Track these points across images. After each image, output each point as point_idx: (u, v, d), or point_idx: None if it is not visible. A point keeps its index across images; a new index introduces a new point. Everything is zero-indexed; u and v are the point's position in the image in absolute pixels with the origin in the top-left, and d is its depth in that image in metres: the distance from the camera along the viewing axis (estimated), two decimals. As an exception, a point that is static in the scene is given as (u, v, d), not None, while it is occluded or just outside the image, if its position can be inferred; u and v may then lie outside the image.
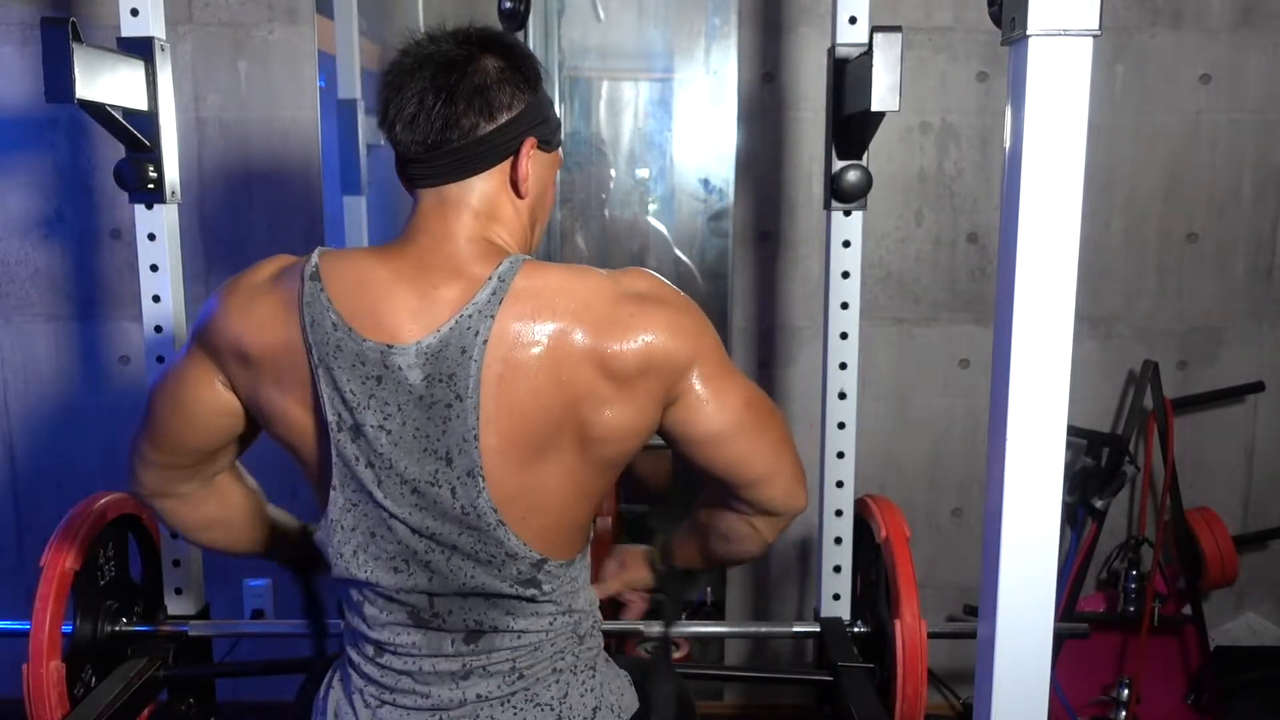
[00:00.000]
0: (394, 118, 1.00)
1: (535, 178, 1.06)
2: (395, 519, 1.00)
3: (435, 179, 1.01)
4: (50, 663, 1.52)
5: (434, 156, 1.00)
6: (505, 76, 1.02)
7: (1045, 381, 0.83)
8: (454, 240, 1.00)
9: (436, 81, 0.99)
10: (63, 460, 2.41)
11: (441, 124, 0.99)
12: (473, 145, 1.00)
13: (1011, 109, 0.83)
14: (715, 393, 1.04)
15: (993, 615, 0.86)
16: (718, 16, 2.33)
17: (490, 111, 1.00)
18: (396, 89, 1.00)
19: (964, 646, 2.07)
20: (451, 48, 1.02)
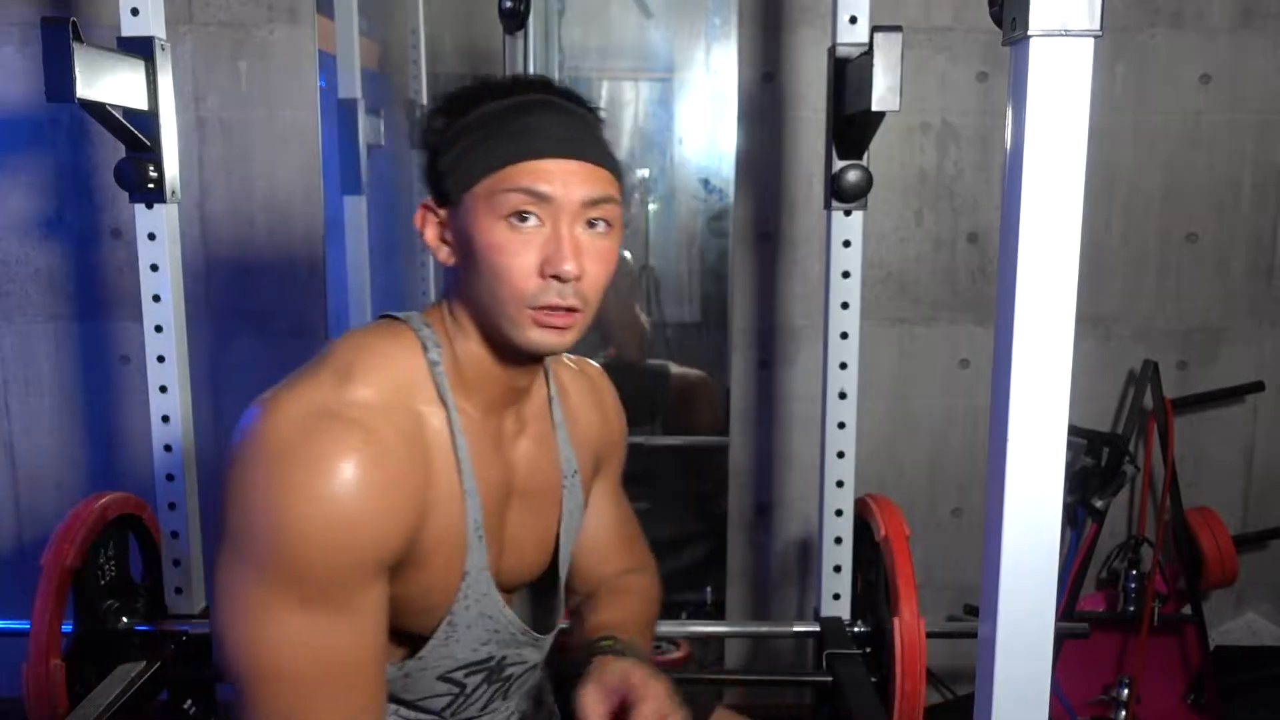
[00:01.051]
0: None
1: (439, 240, 0.97)
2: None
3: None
4: (50, 662, 1.52)
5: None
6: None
7: (1045, 381, 0.83)
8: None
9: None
10: (63, 460, 2.41)
11: None
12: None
13: (1012, 109, 0.83)
14: None
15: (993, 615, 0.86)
16: (718, 16, 2.32)
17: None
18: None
19: (964, 646, 2.08)
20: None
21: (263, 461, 0.85)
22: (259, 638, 0.84)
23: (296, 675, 0.85)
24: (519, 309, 0.92)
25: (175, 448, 1.77)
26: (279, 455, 0.84)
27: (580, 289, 0.92)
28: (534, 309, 0.92)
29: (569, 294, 0.91)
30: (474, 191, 0.92)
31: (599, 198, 0.93)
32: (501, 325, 0.93)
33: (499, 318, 0.93)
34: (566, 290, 0.91)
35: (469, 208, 0.93)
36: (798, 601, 2.48)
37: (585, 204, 0.92)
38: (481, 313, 0.95)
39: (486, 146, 0.92)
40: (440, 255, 0.98)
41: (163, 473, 1.78)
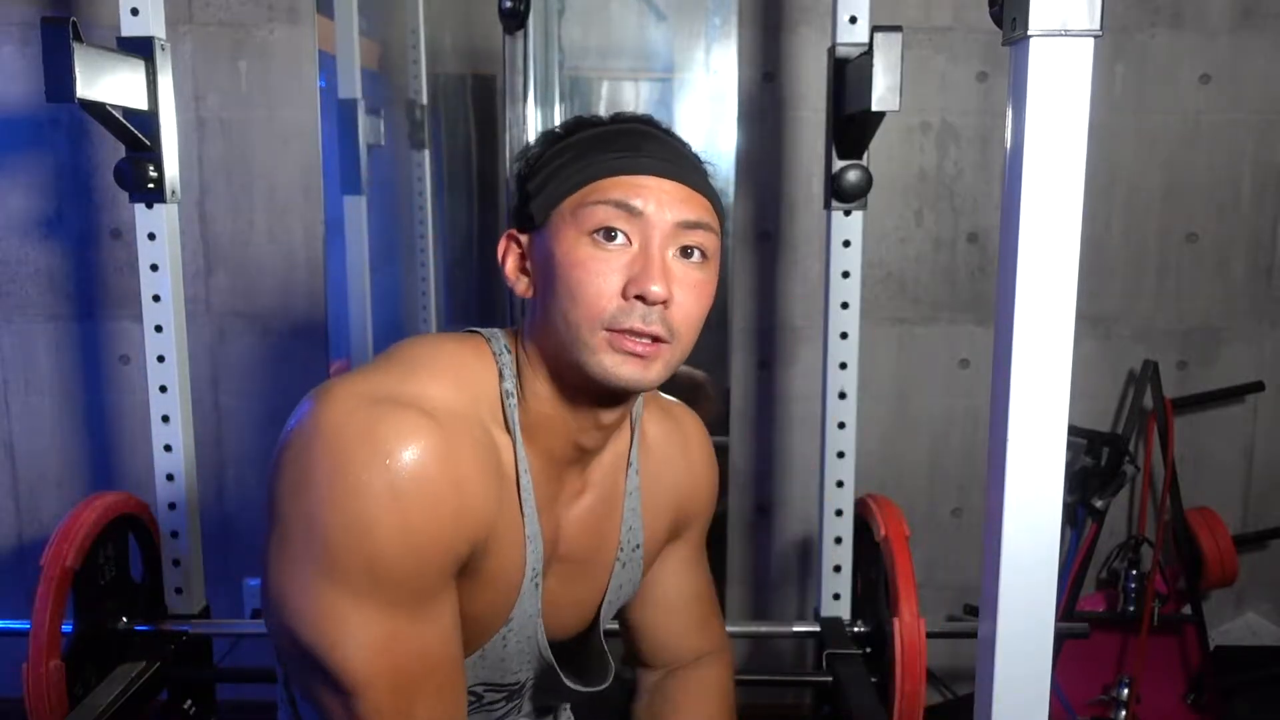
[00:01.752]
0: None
1: (519, 271, 0.91)
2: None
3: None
4: (50, 662, 1.51)
5: None
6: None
7: (1046, 381, 0.83)
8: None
9: None
10: (63, 460, 2.41)
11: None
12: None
13: (1012, 109, 0.83)
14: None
15: (993, 615, 0.86)
16: (718, 16, 2.32)
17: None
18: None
19: (964, 646, 2.07)
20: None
21: (322, 454, 0.77)
22: (344, 644, 0.77)
23: (392, 680, 0.78)
24: (593, 331, 0.83)
25: (175, 448, 1.77)
26: (340, 447, 0.77)
27: (668, 317, 0.83)
28: (610, 329, 0.83)
29: (654, 319, 0.83)
30: (560, 209, 0.86)
31: (695, 221, 0.86)
32: (576, 353, 0.84)
33: (573, 345, 0.84)
34: (651, 315, 0.83)
35: (553, 228, 0.86)
36: (798, 602, 2.48)
37: (680, 226, 0.85)
38: (554, 345, 0.86)
39: (581, 162, 0.86)
40: (519, 288, 0.90)
41: (163, 473, 1.78)
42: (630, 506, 1.00)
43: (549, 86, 2.35)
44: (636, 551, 1.01)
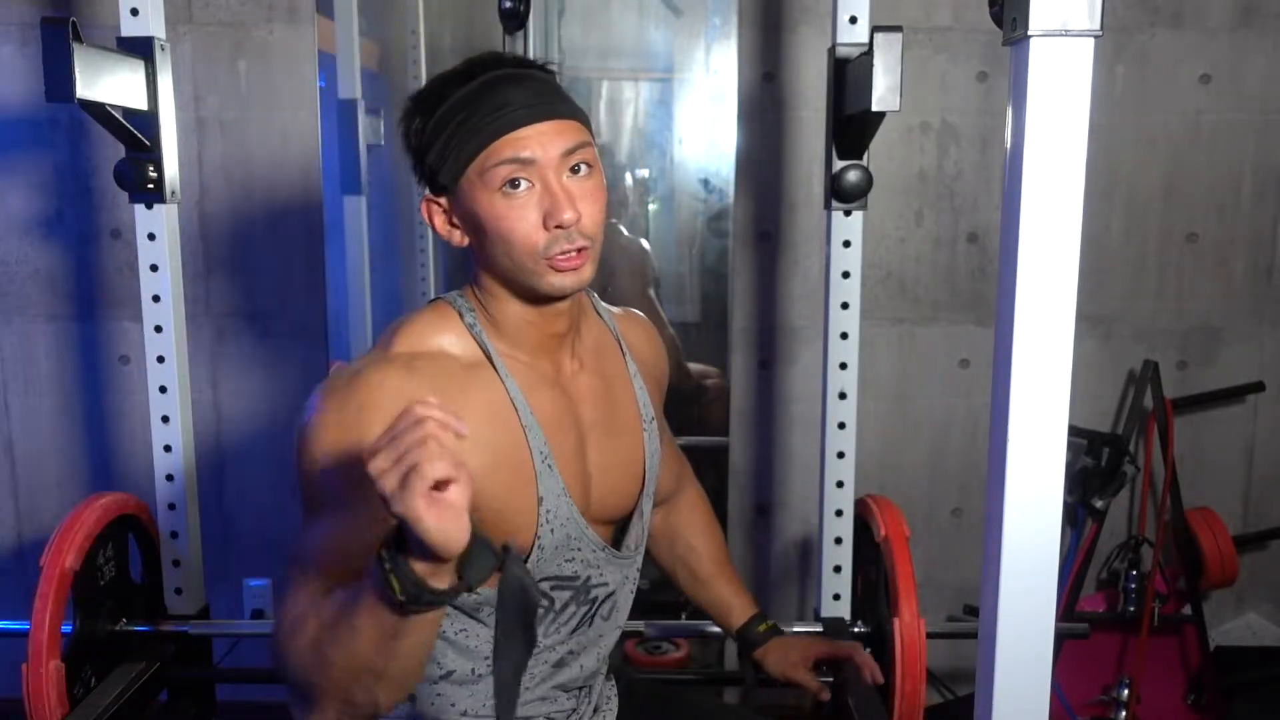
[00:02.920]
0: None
1: (449, 227, 1.07)
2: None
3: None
4: (50, 662, 1.52)
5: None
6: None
7: (1046, 381, 0.83)
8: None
9: None
10: (63, 460, 2.41)
11: None
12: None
13: (1012, 109, 0.83)
14: None
15: (993, 615, 0.86)
16: (718, 16, 2.32)
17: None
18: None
19: (964, 646, 2.07)
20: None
21: (308, 415, 0.97)
22: (307, 549, 0.96)
23: (324, 559, 0.94)
24: (535, 262, 1.01)
25: (175, 448, 1.77)
26: (319, 402, 0.97)
27: (582, 228, 1.01)
28: (548, 259, 1.01)
29: (575, 237, 1.01)
30: (467, 175, 1.01)
31: (574, 146, 1.02)
32: (524, 279, 1.03)
33: (520, 274, 1.02)
34: (572, 235, 1.01)
35: (466, 191, 1.02)
36: (798, 601, 2.48)
37: (564, 155, 1.01)
38: (504, 274, 1.04)
39: (465, 133, 1.00)
40: (454, 239, 1.07)
41: (163, 473, 1.78)
42: (638, 386, 1.19)
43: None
44: (653, 423, 1.20)
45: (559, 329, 1.09)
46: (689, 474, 1.45)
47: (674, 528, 1.43)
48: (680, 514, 1.43)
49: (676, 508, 1.43)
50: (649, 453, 1.19)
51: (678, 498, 1.43)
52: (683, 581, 1.45)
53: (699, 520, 1.44)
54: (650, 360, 1.26)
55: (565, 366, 1.12)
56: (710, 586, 1.44)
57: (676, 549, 1.43)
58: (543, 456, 1.04)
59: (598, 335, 1.19)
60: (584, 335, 1.15)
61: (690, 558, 1.43)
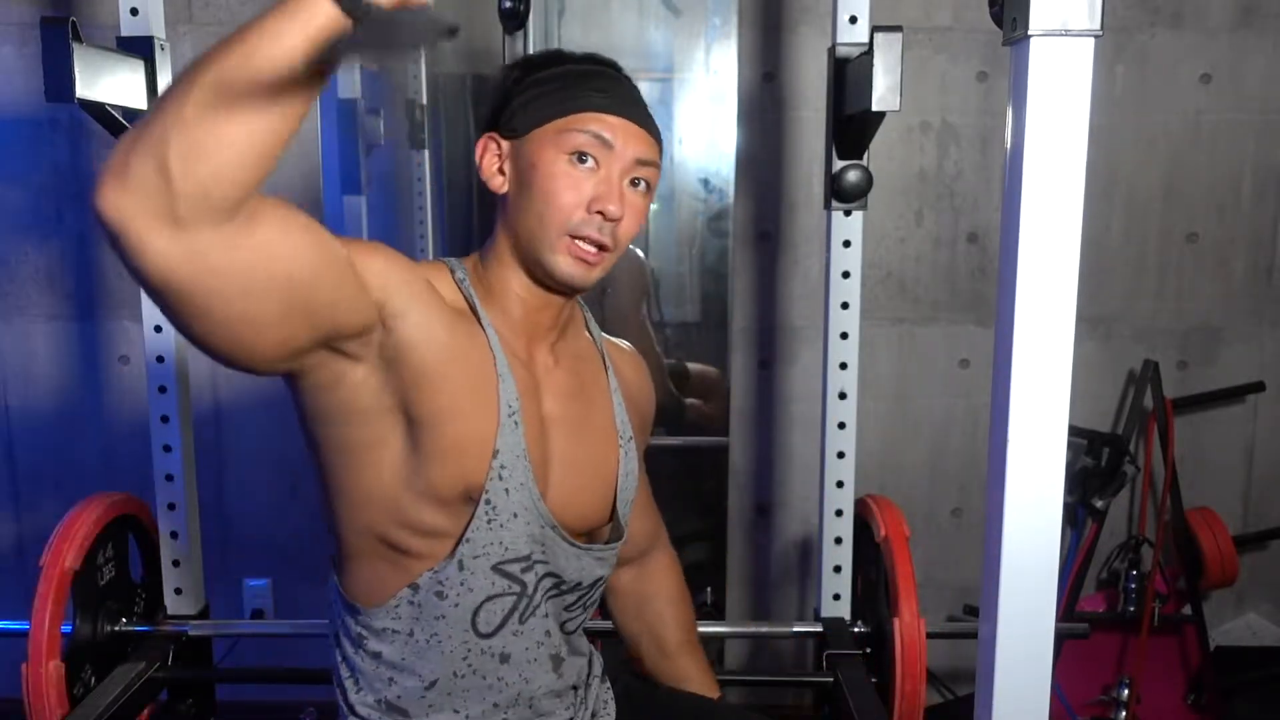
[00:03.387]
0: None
1: (495, 170, 1.09)
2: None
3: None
4: (50, 662, 1.52)
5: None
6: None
7: (1046, 381, 0.83)
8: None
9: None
10: (63, 460, 2.41)
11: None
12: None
13: (1012, 109, 0.83)
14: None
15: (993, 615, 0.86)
16: (718, 16, 2.32)
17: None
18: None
19: (964, 646, 2.07)
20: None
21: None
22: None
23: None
24: (559, 235, 1.03)
25: (175, 448, 1.77)
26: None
27: (615, 231, 1.04)
28: (572, 237, 1.03)
29: (606, 231, 1.03)
30: (544, 128, 1.04)
31: (647, 159, 1.07)
32: (538, 249, 1.04)
33: (538, 241, 1.04)
34: (606, 228, 1.03)
35: (536, 142, 1.05)
36: (798, 602, 2.48)
37: (637, 161, 1.05)
38: (524, 237, 1.05)
39: (564, 94, 1.05)
40: (494, 184, 1.08)
41: (163, 473, 1.78)
42: (617, 403, 1.19)
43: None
44: (631, 443, 1.19)
45: (544, 320, 1.10)
46: (664, 537, 1.41)
47: (645, 591, 1.37)
48: (654, 578, 1.38)
49: (649, 571, 1.38)
50: (624, 471, 1.17)
51: (650, 559, 1.38)
52: (646, 652, 1.37)
53: (671, 587, 1.39)
54: (635, 391, 1.25)
55: (539, 357, 1.12)
56: (675, 660, 1.37)
57: (646, 615, 1.37)
58: (509, 410, 1.03)
59: (582, 346, 1.19)
60: (568, 340, 1.16)
61: (658, 626, 1.37)
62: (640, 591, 1.37)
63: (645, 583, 1.38)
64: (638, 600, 1.37)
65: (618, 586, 1.36)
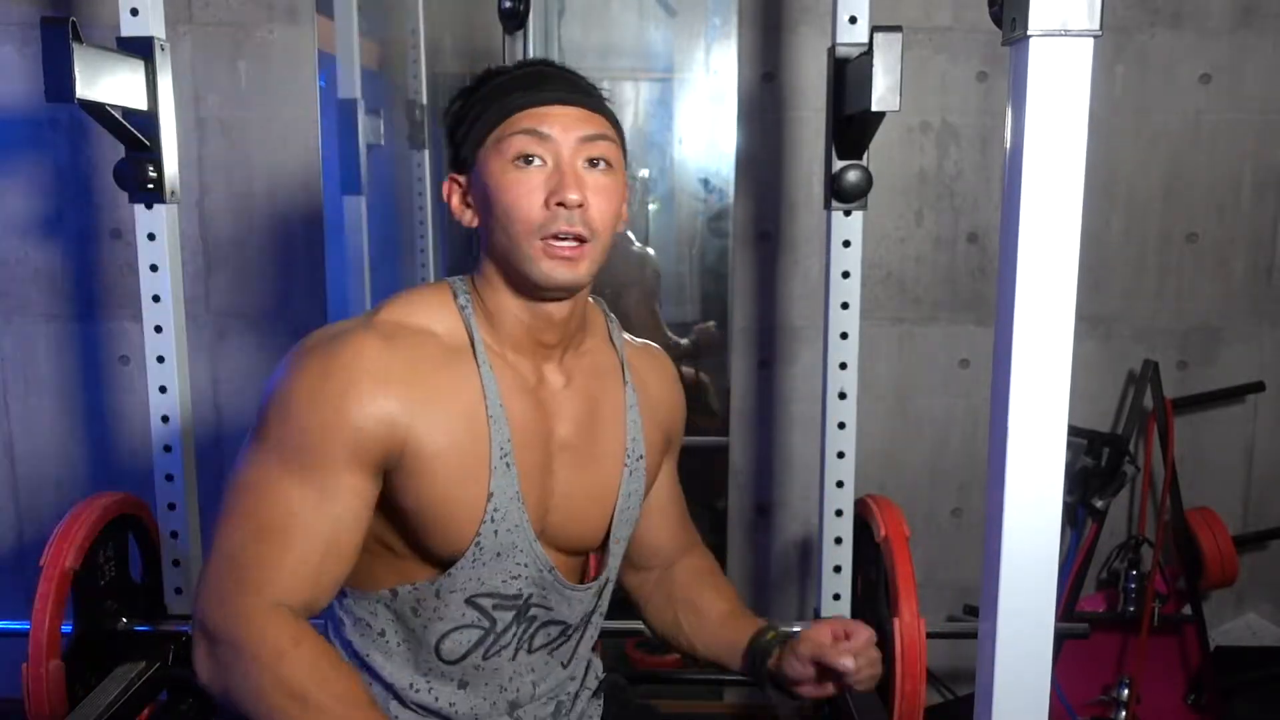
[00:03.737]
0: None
1: (463, 206, 1.08)
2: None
3: None
4: (50, 662, 1.51)
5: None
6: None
7: (1046, 381, 0.83)
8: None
9: None
10: (63, 460, 2.41)
11: None
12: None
13: (1012, 109, 0.83)
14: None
15: (993, 615, 0.86)
16: (718, 16, 2.32)
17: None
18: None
19: (964, 646, 2.07)
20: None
21: (285, 367, 0.99)
22: (241, 483, 0.99)
23: (254, 517, 0.98)
24: (530, 241, 0.99)
25: (175, 448, 1.77)
26: (299, 356, 0.99)
27: (586, 217, 1.00)
28: (544, 239, 0.99)
29: (575, 221, 0.99)
30: (485, 146, 1.03)
31: (595, 134, 1.02)
32: (518, 263, 1.01)
33: (515, 256, 1.01)
34: (573, 218, 0.99)
35: (482, 163, 1.03)
36: (798, 601, 2.48)
37: (583, 140, 1.01)
38: (502, 258, 1.03)
39: (494, 108, 1.03)
40: (465, 219, 1.07)
41: (162, 473, 1.78)
42: (632, 418, 1.14)
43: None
44: (640, 462, 1.15)
45: (549, 338, 1.07)
46: (696, 546, 1.33)
47: (673, 577, 1.30)
48: (682, 566, 1.30)
49: (678, 565, 1.31)
50: (625, 492, 1.13)
51: (680, 562, 1.31)
52: (690, 633, 1.27)
53: (703, 566, 1.31)
54: (659, 400, 1.20)
55: (549, 378, 1.09)
56: (730, 624, 1.25)
57: (675, 597, 1.29)
58: (502, 453, 1.02)
59: (599, 359, 1.15)
60: (582, 354, 1.12)
61: (697, 599, 1.27)
62: (667, 581, 1.30)
63: (672, 574, 1.31)
64: (665, 590, 1.30)
65: (639, 584, 1.32)
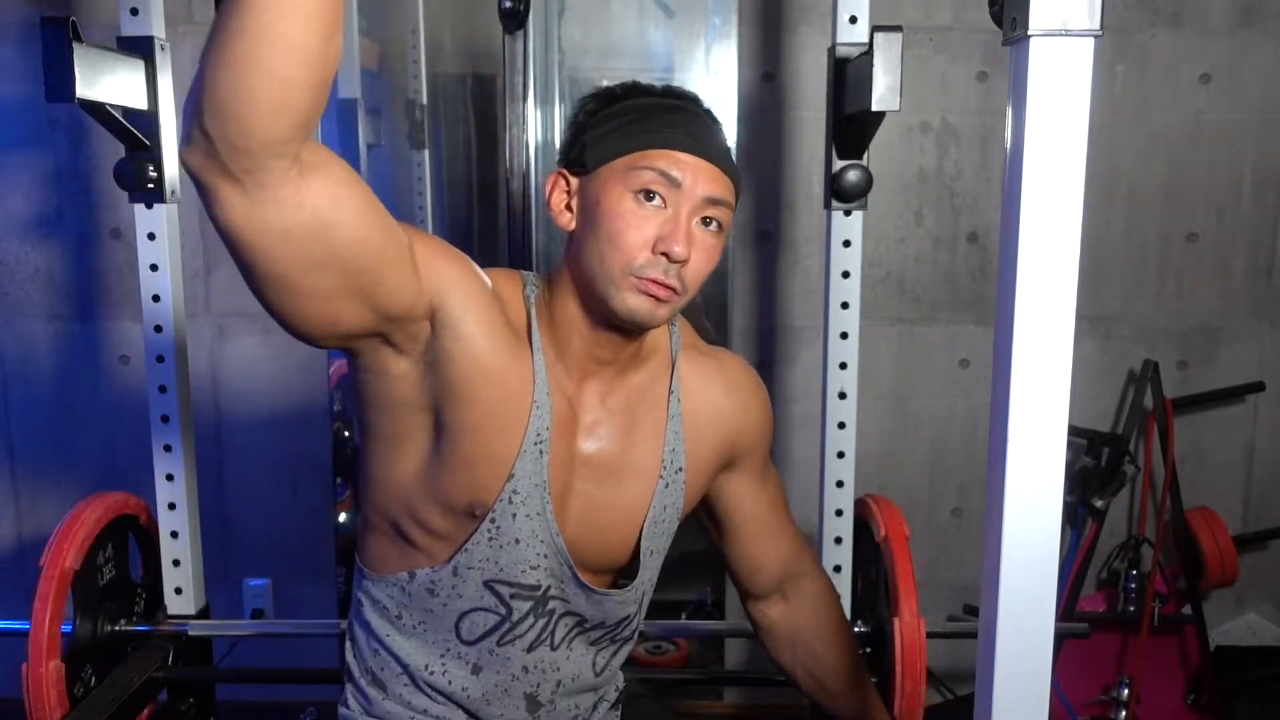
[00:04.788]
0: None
1: (564, 206, 1.06)
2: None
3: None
4: (50, 662, 1.52)
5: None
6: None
7: (1046, 381, 0.83)
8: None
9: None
10: (63, 460, 2.41)
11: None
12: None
13: (1012, 109, 0.83)
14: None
15: (993, 615, 0.86)
16: (718, 16, 2.32)
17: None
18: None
19: (964, 646, 2.07)
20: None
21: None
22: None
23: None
24: (623, 275, 0.99)
25: (175, 448, 1.78)
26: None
27: (683, 274, 1.00)
28: (637, 277, 0.99)
29: (672, 275, 0.99)
30: (612, 165, 1.01)
31: (719, 198, 1.02)
32: (602, 288, 1.00)
33: (601, 281, 1.00)
34: (671, 270, 0.99)
35: (603, 179, 1.02)
36: (798, 601, 2.48)
37: (707, 200, 1.01)
38: (587, 275, 1.02)
39: (633, 129, 1.01)
40: (561, 220, 1.06)
41: (163, 473, 1.78)
42: (673, 430, 1.12)
43: (549, 86, 2.36)
44: (679, 474, 1.13)
45: (602, 355, 1.07)
46: (809, 562, 1.31)
47: (795, 628, 1.30)
48: (802, 610, 1.29)
49: (796, 603, 1.30)
50: (659, 504, 1.11)
51: (797, 590, 1.30)
52: (806, 688, 1.31)
53: (824, 621, 1.30)
54: (717, 412, 1.16)
55: (588, 396, 1.08)
56: (840, 701, 1.30)
57: (799, 653, 1.30)
58: (537, 439, 1.02)
59: (645, 378, 1.13)
60: (629, 375, 1.11)
61: (814, 666, 1.29)
62: (790, 629, 1.30)
63: (794, 618, 1.30)
64: (790, 637, 1.30)
65: (765, 624, 1.31)
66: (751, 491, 1.23)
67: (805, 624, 1.29)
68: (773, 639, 1.31)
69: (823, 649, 1.29)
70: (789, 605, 1.30)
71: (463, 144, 2.47)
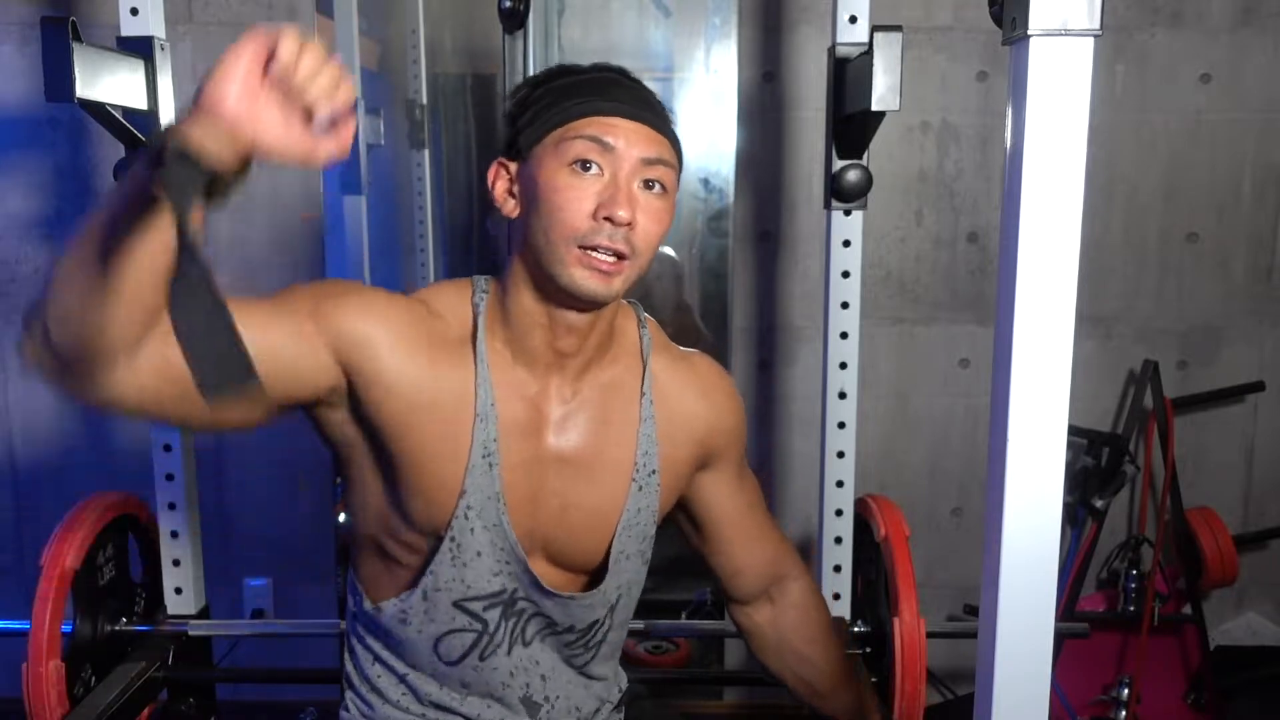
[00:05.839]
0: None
1: (506, 194, 1.06)
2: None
3: None
4: (50, 662, 1.52)
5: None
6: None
7: (1046, 381, 0.83)
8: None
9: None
10: (63, 460, 2.41)
11: None
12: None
13: (1012, 109, 0.83)
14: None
15: (993, 615, 0.86)
16: (718, 16, 2.32)
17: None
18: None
19: (964, 646, 2.07)
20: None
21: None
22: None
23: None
24: (568, 247, 0.97)
25: (175, 448, 1.77)
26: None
27: (631, 237, 0.98)
28: (582, 248, 0.97)
29: (619, 238, 0.97)
30: (543, 142, 1.00)
31: (656, 158, 1.00)
32: (551, 266, 0.99)
33: (549, 258, 0.99)
34: (617, 234, 0.97)
35: (538, 157, 1.01)
36: (798, 601, 2.48)
37: (644, 161, 0.99)
38: (535, 256, 1.01)
39: (561, 104, 1.00)
40: (506, 208, 1.05)
41: (163, 473, 1.78)
42: (645, 433, 1.10)
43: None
44: (653, 477, 1.11)
45: (566, 346, 1.05)
46: (793, 564, 1.29)
47: (781, 633, 1.28)
48: (788, 615, 1.28)
49: (783, 609, 1.28)
50: (632, 507, 1.09)
51: (783, 594, 1.28)
52: (795, 690, 1.30)
53: (810, 625, 1.29)
54: (691, 414, 1.14)
55: (555, 389, 1.07)
56: (829, 700, 1.29)
57: (786, 658, 1.29)
58: (485, 452, 1.02)
59: (618, 372, 1.11)
60: (600, 368, 1.09)
61: (803, 669, 1.28)
62: (777, 633, 1.28)
63: (780, 623, 1.28)
64: (777, 642, 1.29)
65: (751, 628, 1.30)
66: (728, 493, 1.22)
67: (792, 628, 1.28)
68: (759, 643, 1.30)
69: (810, 651, 1.28)
70: (775, 609, 1.28)
71: (463, 144, 2.47)
